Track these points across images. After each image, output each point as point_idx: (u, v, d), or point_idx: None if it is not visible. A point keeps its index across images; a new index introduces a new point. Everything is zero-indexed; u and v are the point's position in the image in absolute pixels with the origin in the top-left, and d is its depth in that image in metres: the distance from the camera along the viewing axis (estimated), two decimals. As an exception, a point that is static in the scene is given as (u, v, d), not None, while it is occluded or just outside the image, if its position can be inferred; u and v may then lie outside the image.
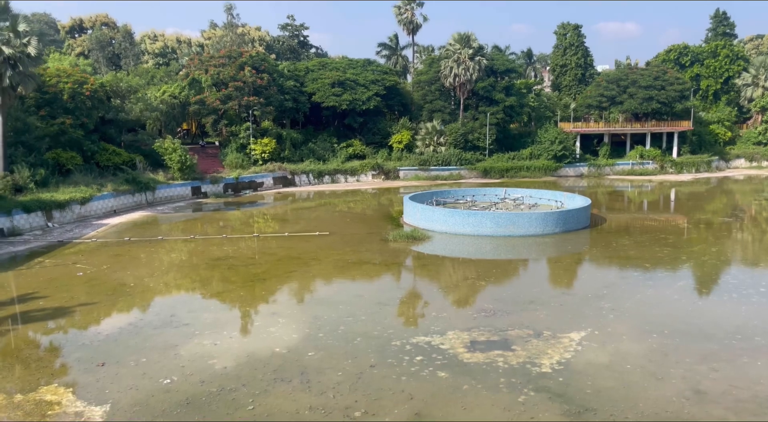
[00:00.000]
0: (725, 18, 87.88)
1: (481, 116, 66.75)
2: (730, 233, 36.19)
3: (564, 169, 66.41)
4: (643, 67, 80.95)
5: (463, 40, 67.44)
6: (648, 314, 20.54)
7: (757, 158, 72.86)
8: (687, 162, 68.38)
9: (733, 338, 18.21)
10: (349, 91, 64.87)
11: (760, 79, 76.13)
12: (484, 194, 44.37)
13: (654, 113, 70.52)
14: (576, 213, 35.61)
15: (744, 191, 55.14)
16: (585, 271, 28.40)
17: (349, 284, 25.62)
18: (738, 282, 25.16)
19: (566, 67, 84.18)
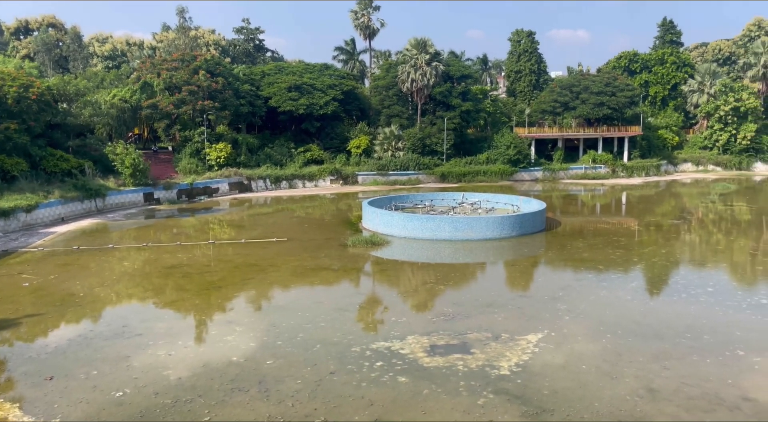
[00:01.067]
0: (672, 26, 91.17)
1: (439, 121, 67.34)
2: (678, 235, 37.38)
3: (520, 173, 67.53)
4: (594, 73, 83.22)
5: (420, 45, 67.97)
6: (602, 315, 20.99)
7: (703, 162, 75.63)
8: (637, 166, 70.45)
9: (683, 337, 18.75)
10: (306, 96, 64.51)
11: (705, 85, 79.17)
12: (442, 198, 44.69)
13: (605, 118, 72.48)
14: (532, 217, 36.20)
15: (691, 194, 57.13)
16: (541, 273, 28.85)
17: (308, 291, 25.36)
18: (687, 283, 25.97)
19: (521, 73, 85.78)
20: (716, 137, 75.74)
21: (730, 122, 74.49)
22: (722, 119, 74.83)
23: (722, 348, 17.68)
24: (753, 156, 75.40)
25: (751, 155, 75.31)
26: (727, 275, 27.99)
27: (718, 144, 75.80)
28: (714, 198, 53.38)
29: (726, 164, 74.77)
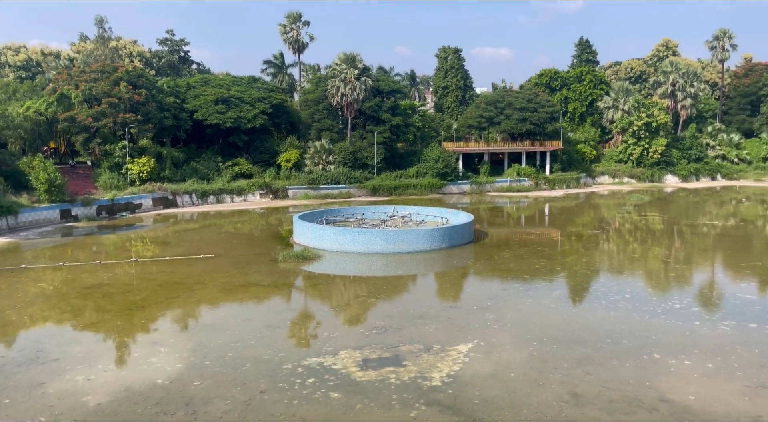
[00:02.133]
0: (588, 46, 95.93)
1: (369, 135, 67.80)
2: (597, 244, 39.14)
3: (448, 186, 68.88)
4: (517, 90, 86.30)
5: (349, 60, 68.41)
6: (528, 324, 21.62)
7: (618, 175, 79.67)
8: (558, 179, 73.38)
9: (603, 342, 19.58)
10: (233, 109, 63.44)
11: (619, 102, 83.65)
12: (373, 211, 44.90)
13: (528, 133, 75.21)
14: (460, 229, 36.95)
15: (609, 205, 60.02)
16: (470, 284, 29.45)
17: (237, 308, 24.77)
18: (606, 290, 27.19)
19: (448, 89, 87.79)
20: (630, 151, 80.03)
21: (643, 137, 78.94)
22: (635, 134, 79.21)
23: (640, 352, 18.58)
24: (664, 169, 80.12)
25: (662, 167, 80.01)
26: (643, 282, 29.52)
27: (632, 158, 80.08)
28: (629, 209, 56.29)
29: (640, 176, 79.06)
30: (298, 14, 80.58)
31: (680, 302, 24.59)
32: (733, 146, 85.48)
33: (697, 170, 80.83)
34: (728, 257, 34.86)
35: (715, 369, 17.22)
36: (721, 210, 55.88)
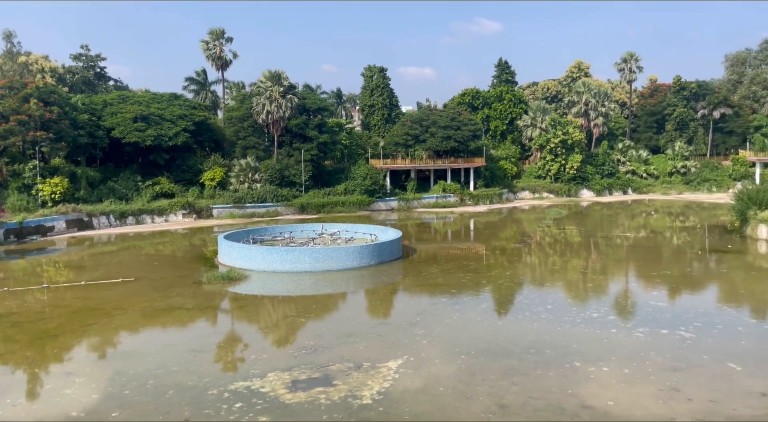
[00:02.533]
0: (507, 67, 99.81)
1: (296, 153, 67.41)
2: (520, 257, 40.43)
3: (376, 203, 69.35)
4: (441, 109, 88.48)
5: (275, 77, 67.99)
6: (456, 337, 21.97)
7: (538, 190, 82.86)
8: (482, 195, 75.47)
9: (528, 353, 20.17)
10: (153, 127, 61.49)
11: (537, 121, 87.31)
12: (301, 230, 44.50)
13: (453, 150, 77.11)
14: (389, 245, 37.22)
15: (530, 220, 62.22)
16: (399, 300, 29.63)
17: (159, 333, 23.79)
18: (529, 301, 28.06)
19: (374, 108, 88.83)
20: (548, 167, 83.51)
21: (560, 154, 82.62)
22: (553, 151, 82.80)
23: (562, 361, 19.25)
24: (580, 184, 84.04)
25: (578, 183, 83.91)
26: (563, 292, 30.69)
27: (550, 173, 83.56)
28: (549, 223, 58.57)
29: (558, 191, 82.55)
30: (221, 31, 79.51)
31: (598, 312, 25.72)
32: (641, 162, 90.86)
33: (609, 185, 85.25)
34: (640, 267, 36.83)
35: (632, 375, 18.07)
36: (633, 222, 59.11)
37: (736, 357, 19.51)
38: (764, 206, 44.51)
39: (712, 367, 18.68)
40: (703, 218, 59.55)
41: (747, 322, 24.37)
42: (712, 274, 34.81)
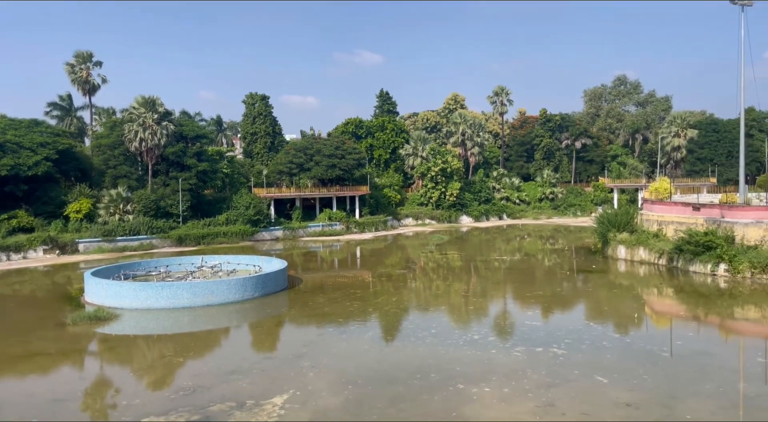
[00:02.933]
0: (389, 97, 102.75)
1: (173, 182, 64.52)
2: (406, 283, 41.12)
3: (260, 233, 67.82)
4: (325, 137, 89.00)
5: (149, 103, 65.01)
6: (343, 367, 21.74)
7: (421, 217, 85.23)
8: (368, 222, 76.33)
9: (414, 378, 20.36)
10: (10, 155, 56.31)
11: (418, 150, 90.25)
12: (179, 263, 42.37)
13: (338, 178, 77.57)
14: (274, 276, 36.37)
15: (414, 246, 63.69)
16: (285, 332, 28.93)
17: (17, 383, 21.41)
18: (414, 327, 28.49)
19: (257, 135, 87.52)
20: (430, 195, 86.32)
21: (440, 182, 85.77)
22: (434, 179, 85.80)
23: (446, 384, 19.62)
24: (459, 210, 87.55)
25: (458, 209, 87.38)
26: (447, 316, 31.51)
27: (431, 201, 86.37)
28: (432, 248, 60.28)
29: (439, 217, 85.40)
30: (88, 54, 74.98)
31: (479, 333, 26.62)
32: (514, 189, 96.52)
33: (486, 211, 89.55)
34: (516, 289, 38.77)
35: (511, 393, 18.76)
36: (509, 246, 62.35)
37: (603, 370, 20.92)
38: (622, 229, 48.74)
39: (582, 381, 19.87)
40: (570, 241, 64.07)
41: (611, 337, 26.29)
42: (580, 293, 37.36)
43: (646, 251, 44.95)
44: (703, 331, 28.13)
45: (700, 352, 23.57)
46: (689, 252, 39.83)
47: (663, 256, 43.02)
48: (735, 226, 39.47)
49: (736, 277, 36.91)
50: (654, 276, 40.43)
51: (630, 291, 37.70)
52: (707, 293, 34.57)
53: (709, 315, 30.41)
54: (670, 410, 17.36)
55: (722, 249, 37.97)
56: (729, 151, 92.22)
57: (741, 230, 39.09)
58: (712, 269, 38.22)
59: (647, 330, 28.54)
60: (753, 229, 38.65)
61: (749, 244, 38.48)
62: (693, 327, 28.62)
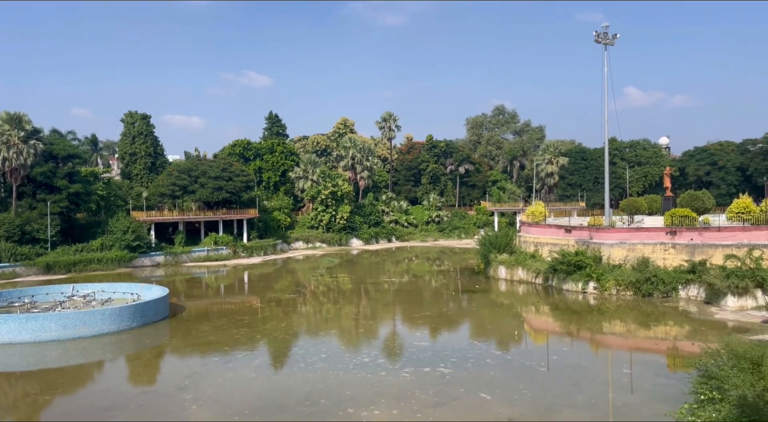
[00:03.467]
0: (278, 120, 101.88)
1: (41, 205, 59.60)
2: (296, 307, 40.53)
3: (139, 259, 64.14)
4: (211, 159, 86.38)
5: (14, 120, 59.95)
6: (229, 398, 20.94)
7: (311, 240, 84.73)
8: (256, 246, 74.64)
9: (303, 405, 20.02)
10: None
11: (308, 173, 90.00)
12: (47, 292, 39.03)
13: (225, 201, 75.37)
14: (154, 304, 34.48)
15: (304, 269, 63.06)
16: (166, 364, 27.43)
17: None
18: (304, 352, 28.09)
19: (136, 156, 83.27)
20: (320, 218, 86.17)
21: (331, 205, 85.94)
22: (324, 202, 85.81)
23: (336, 409, 19.48)
24: (350, 233, 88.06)
25: (348, 232, 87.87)
26: (337, 340, 31.38)
27: (322, 224, 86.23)
28: (322, 272, 60.01)
29: (329, 240, 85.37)
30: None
31: (369, 356, 26.75)
32: (403, 212, 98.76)
33: (376, 234, 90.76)
34: (405, 310, 39.46)
35: (400, 415, 18.97)
36: (398, 268, 63.48)
37: (487, 387, 21.75)
38: (502, 250, 51.29)
39: (467, 399, 20.52)
40: (455, 262, 66.38)
41: (494, 354, 27.44)
42: (464, 312, 38.72)
43: (524, 271, 47.55)
44: (575, 345, 30.11)
45: (574, 366, 25.18)
46: (562, 272, 42.63)
47: (539, 275, 45.71)
48: (602, 247, 42.85)
49: (603, 294, 39.96)
50: (532, 295, 42.81)
51: (510, 310, 39.63)
52: (579, 309, 37.11)
53: (581, 330, 32.62)
54: None
55: (591, 269, 41.02)
56: (595, 177, 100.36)
57: (607, 251, 42.49)
58: (583, 287, 41.13)
59: (526, 346, 30.09)
60: (617, 249, 42.15)
61: (614, 263, 41.87)
62: (567, 342, 30.54)
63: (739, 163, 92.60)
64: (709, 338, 26.36)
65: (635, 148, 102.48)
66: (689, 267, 38.18)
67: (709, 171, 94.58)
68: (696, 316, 33.49)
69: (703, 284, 37.09)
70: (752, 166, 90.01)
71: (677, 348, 28.56)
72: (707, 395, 16.92)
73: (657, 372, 24.10)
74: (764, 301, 33.60)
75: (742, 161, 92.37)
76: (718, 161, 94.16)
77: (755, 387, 15.54)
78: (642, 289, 38.66)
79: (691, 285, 37.96)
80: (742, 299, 34.99)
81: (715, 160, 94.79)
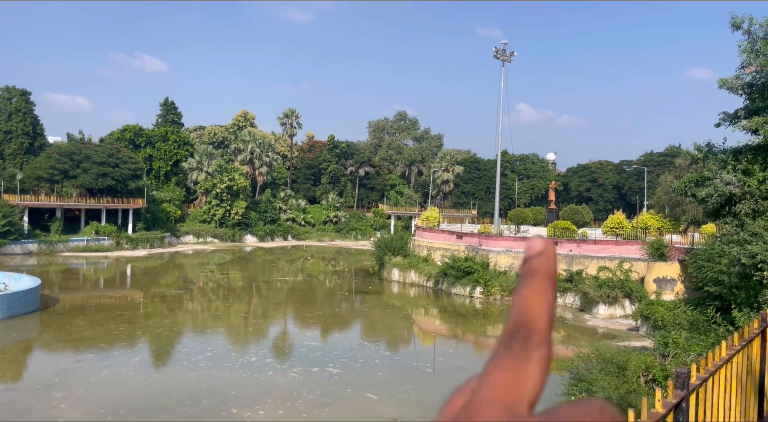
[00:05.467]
0: (174, 107, 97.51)
1: None
2: (182, 304, 38.92)
3: (9, 246, 58.88)
4: (97, 143, 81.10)
5: None
6: (103, 397, 19.71)
7: (203, 235, 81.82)
8: (142, 238, 70.92)
9: (184, 405, 19.25)
10: None
11: (203, 164, 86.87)
12: None
13: (109, 189, 70.98)
14: (23, 295, 31.79)
15: (193, 265, 60.73)
16: (34, 360, 25.39)
17: None
18: (188, 350, 27.02)
19: (11, 135, 76.49)
20: (214, 212, 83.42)
21: (225, 199, 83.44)
22: (219, 196, 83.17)
23: (219, 409, 18.90)
24: (244, 229, 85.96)
25: (243, 228, 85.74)
26: (224, 338, 30.49)
27: (215, 218, 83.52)
28: (213, 268, 58.11)
29: (222, 236, 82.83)
30: None
31: (256, 355, 26.21)
32: (300, 211, 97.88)
33: (272, 231, 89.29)
34: (297, 309, 39.09)
35: (285, 415, 18.75)
36: (292, 267, 62.78)
37: (374, 387, 22.00)
38: (396, 253, 52.21)
39: (354, 399, 20.65)
40: (350, 263, 66.70)
41: (383, 355, 27.83)
42: (357, 313, 39.00)
43: (416, 274, 48.68)
44: (461, 347, 31.22)
45: (458, 367, 26.08)
46: (452, 276, 44.08)
47: (431, 279, 46.99)
48: (490, 254, 44.77)
49: (489, 299, 41.75)
50: (422, 297, 43.91)
51: (401, 311, 40.41)
52: (465, 313, 38.53)
53: (466, 333, 33.89)
54: (430, 421, 18.84)
55: (479, 274, 42.74)
56: (487, 187, 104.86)
57: (494, 258, 44.46)
58: (470, 292, 42.75)
59: (414, 347, 30.80)
60: (504, 257, 44.22)
61: (501, 270, 43.89)
62: (453, 344, 31.60)
63: (616, 181, 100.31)
64: (582, 343, 28.29)
65: (525, 161, 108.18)
66: (567, 276, 40.79)
67: (590, 187, 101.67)
68: (571, 322, 35.82)
69: (578, 292, 39.76)
70: (627, 185, 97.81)
71: (553, 352, 30.36)
72: (577, 396, 18.15)
73: (533, 374, 25.49)
74: (631, 310, 36.61)
75: (619, 180, 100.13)
76: (598, 179, 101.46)
77: (619, 390, 16.87)
78: (524, 295, 40.75)
79: (568, 293, 40.56)
80: (612, 308, 37.87)
81: (595, 177, 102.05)
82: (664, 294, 35.72)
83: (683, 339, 21.55)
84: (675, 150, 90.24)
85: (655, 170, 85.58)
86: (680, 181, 27.58)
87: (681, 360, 19.33)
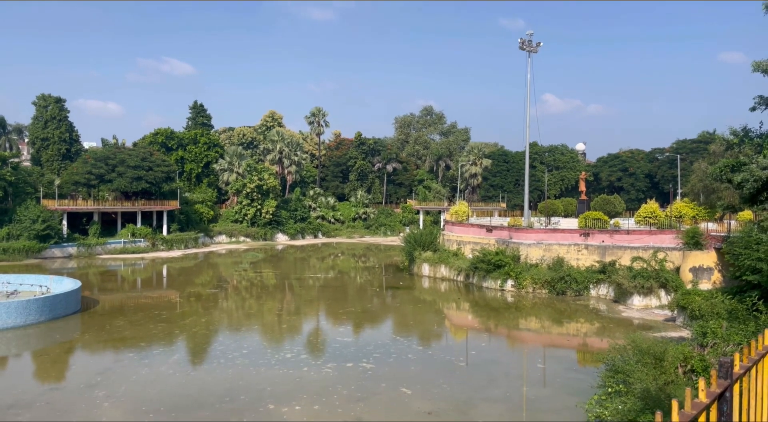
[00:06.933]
0: (203, 110, 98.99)
1: (-62, 190, 55.23)
2: (217, 303, 39.62)
3: (50, 250, 60.71)
4: (130, 147, 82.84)
5: None
6: (144, 395, 20.26)
7: (235, 234, 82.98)
8: (176, 239, 72.29)
9: (222, 401, 19.66)
10: None
11: (234, 165, 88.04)
12: (-58, 284, 36.27)
13: (144, 192, 72.53)
14: (64, 298, 32.79)
15: (226, 264, 61.68)
16: (77, 360, 26.19)
17: None
18: (225, 348, 27.55)
19: (48, 141, 78.71)
20: (245, 212, 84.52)
21: (256, 199, 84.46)
22: (249, 196, 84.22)
23: (257, 405, 19.25)
24: (275, 228, 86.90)
25: (274, 227, 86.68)
26: (259, 336, 30.98)
27: (247, 218, 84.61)
28: (246, 266, 58.94)
29: (254, 235, 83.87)
30: None
31: (291, 352, 26.58)
32: (330, 208, 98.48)
33: (302, 229, 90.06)
34: (329, 306, 39.45)
35: (321, 410, 19.00)
36: (323, 264, 63.28)
37: (408, 381, 22.13)
38: (426, 248, 52.20)
39: (388, 394, 20.80)
40: (380, 259, 66.93)
41: (416, 349, 27.93)
42: (388, 308, 39.16)
43: (446, 269, 48.61)
44: (493, 341, 31.14)
45: (491, 361, 26.04)
46: (483, 270, 43.90)
47: (461, 273, 46.87)
48: (520, 246, 44.45)
49: (521, 292, 41.49)
50: (453, 292, 43.84)
51: (432, 306, 40.43)
52: (497, 306, 38.38)
53: (499, 326, 33.77)
54: (465, 415, 18.91)
55: (509, 267, 42.48)
56: (516, 179, 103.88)
57: (525, 250, 44.13)
58: (501, 285, 42.53)
59: (447, 341, 30.83)
60: (534, 249, 43.86)
61: (532, 262, 43.55)
62: (485, 338, 31.53)
63: (648, 170, 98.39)
64: (617, 334, 27.94)
65: (554, 152, 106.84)
66: (600, 268, 40.26)
67: (621, 177, 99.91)
68: (605, 314, 35.39)
69: (612, 283, 39.22)
70: (659, 173, 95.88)
71: (587, 344, 30.11)
72: (614, 388, 17.98)
73: (568, 367, 25.32)
74: (667, 300, 35.98)
75: (651, 169, 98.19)
76: (629, 168, 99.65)
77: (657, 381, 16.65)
78: (556, 287, 40.41)
79: (601, 285, 40.05)
80: (647, 299, 37.28)
81: (626, 166, 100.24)
82: (700, 284, 34.99)
83: (723, 329, 21.15)
84: (709, 136, 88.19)
85: (689, 158, 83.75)
86: (715, 166, 27.01)
87: (720, 350, 18.98)
